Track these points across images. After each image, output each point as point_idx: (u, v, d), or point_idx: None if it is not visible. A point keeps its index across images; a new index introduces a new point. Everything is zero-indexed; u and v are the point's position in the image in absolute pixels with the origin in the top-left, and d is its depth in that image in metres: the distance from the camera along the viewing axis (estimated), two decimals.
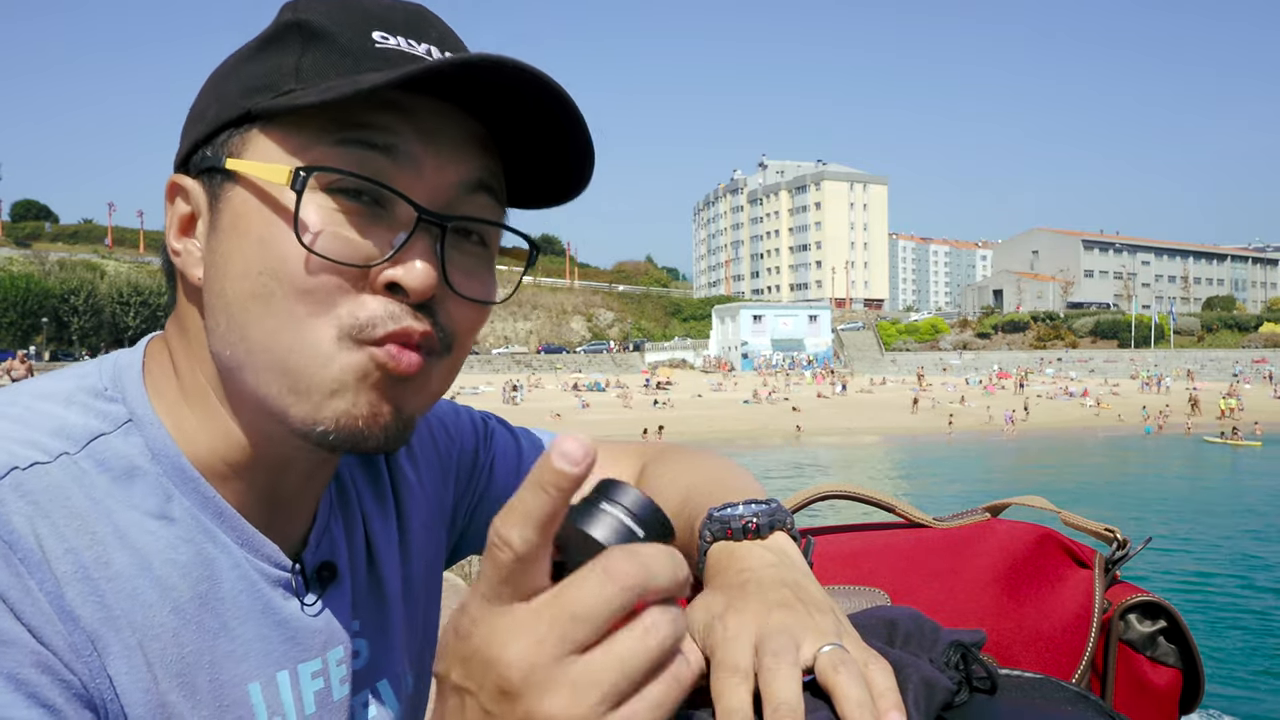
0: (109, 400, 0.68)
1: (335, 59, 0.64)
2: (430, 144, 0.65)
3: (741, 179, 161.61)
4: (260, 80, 0.65)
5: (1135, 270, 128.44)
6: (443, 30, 0.70)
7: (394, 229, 0.64)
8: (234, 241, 0.64)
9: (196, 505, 0.68)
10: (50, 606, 0.58)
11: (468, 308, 0.68)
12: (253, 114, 0.64)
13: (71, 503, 0.62)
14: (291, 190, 0.61)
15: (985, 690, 0.61)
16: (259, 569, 0.71)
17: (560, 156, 0.70)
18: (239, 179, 0.64)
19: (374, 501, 0.85)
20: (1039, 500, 0.92)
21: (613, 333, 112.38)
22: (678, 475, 0.89)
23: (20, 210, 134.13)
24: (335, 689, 0.75)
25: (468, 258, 0.68)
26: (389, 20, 0.67)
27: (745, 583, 0.66)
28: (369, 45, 0.65)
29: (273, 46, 0.66)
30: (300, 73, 0.64)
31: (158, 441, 0.68)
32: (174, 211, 0.69)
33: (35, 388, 0.69)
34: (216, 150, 0.66)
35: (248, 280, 0.63)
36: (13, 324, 72.45)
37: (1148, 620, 0.84)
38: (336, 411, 0.64)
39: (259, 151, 0.64)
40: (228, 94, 0.67)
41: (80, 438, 0.65)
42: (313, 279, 0.62)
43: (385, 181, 0.63)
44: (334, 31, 0.65)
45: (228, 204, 0.65)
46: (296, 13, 0.67)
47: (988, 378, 69.40)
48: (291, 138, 0.63)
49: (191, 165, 0.68)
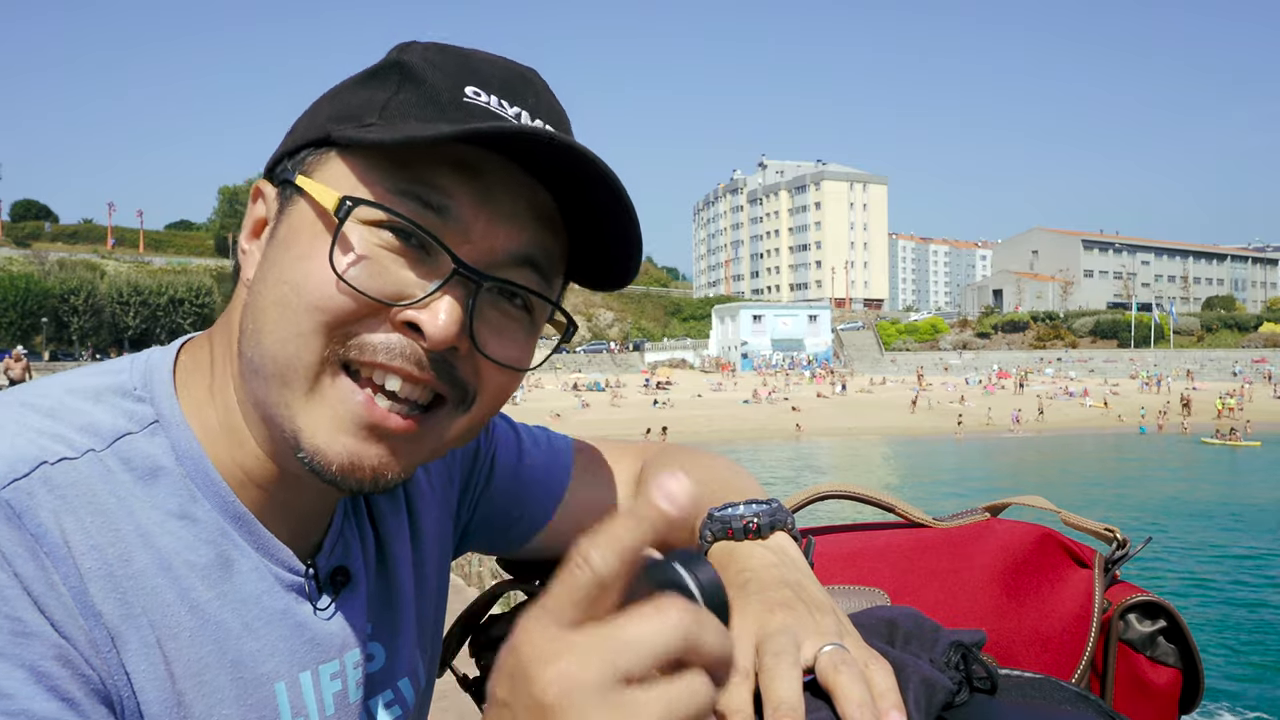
0: (137, 400, 0.69)
1: (421, 104, 0.65)
2: (484, 207, 0.65)
3: (741, 179, 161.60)
4: (349, 109, 0.67)
5: (1135, 270, 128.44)
6: (543, 98, 0.70)
7: (431, 276, 0.64)
8: (281, 252, 0.66)
9: (216, 508, 0.69)
10: (73, 601, 0.59)
11: (496, 370, 0.68)
12: (331, 138, 0.66)
13: (97, 499, 0.63)
14: (335, 216, 0.63)
15: (985, 690, 0.60)
16: (274, 573, 0.72)
17: (610, 246, 0.70)
18: (303, 195, 0.66)
19: (388, 506, 0.86)
20: (1039, 500, 0.92)
21: (612, 333, 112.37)
22: None
23: (20, 210, 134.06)
24: (352, 691, 0.77)
25: (504, 319, 0.68)
26: (488, 78, 0.68)
27: (746, 583, 0.66)
28: (458, 98, 0.66)
29: (374, 80, 0.68)
30: (386, 110, 0.65)
31: (183, 443, 0.69)
32: (251, 213, 0.71)
33: (67, 381, 0.70)
34: (295, 165, 0.68)
35: (278, 288, 0.65)
36: (12, 324, 72.44)
37: (1147, 620, 0.84)
38: (314, 445, 0.65)
39: (327, 175, 0.66)
40: (319, 117, 0.69)
41: (107, 435, 0.66)
42: (328, 300, 0.63)
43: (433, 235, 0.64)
44: (429, 79, 0.66)
45: (287, 217, 0.67)
46: (403, 53, 0.69)
47: (987, 378, 69.41)
48: (359, 170, 0.65)
49: (275, 175, 0.71)
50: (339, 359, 0.64)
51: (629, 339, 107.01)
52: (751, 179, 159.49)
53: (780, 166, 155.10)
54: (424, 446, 0.68)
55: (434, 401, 0.67)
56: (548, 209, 0.68)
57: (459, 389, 0.67)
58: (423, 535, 0.89)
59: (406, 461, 0.67)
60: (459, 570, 8.09)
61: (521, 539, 0.97)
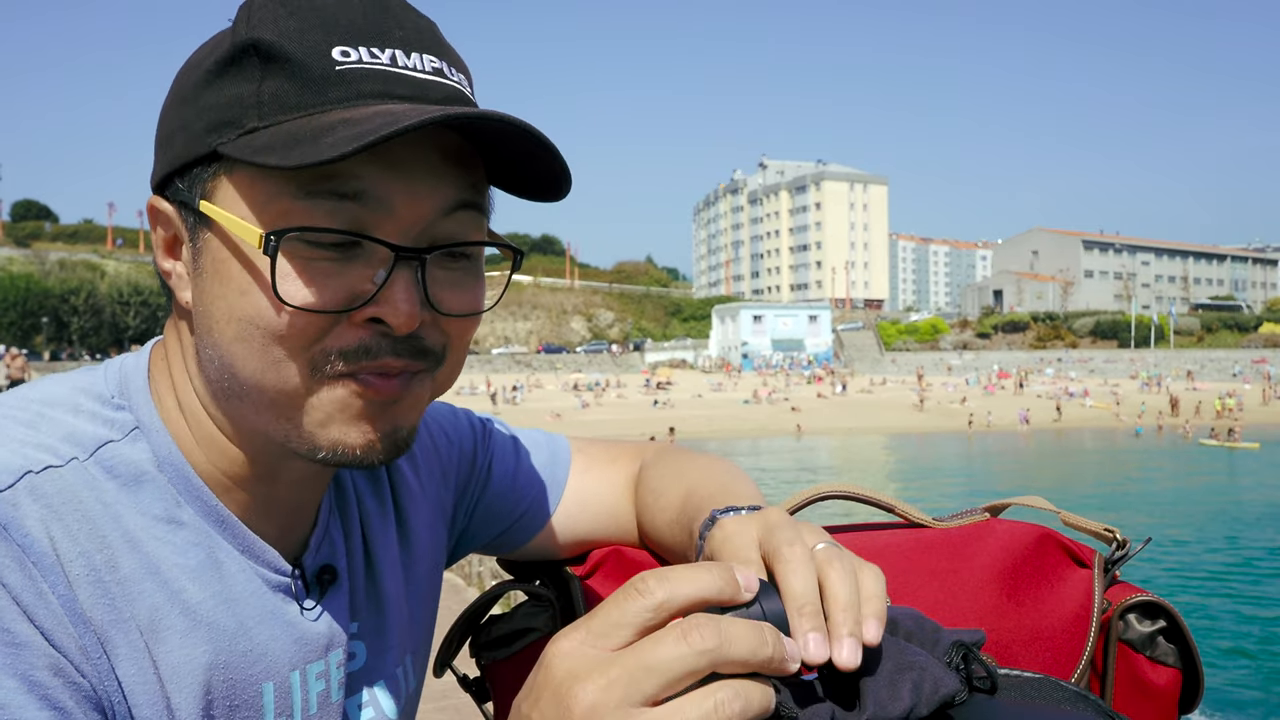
0: (116, 408, 0.69)
1: (296, 89, 0.62)
2: (400, 178, 0.63)
3: (741, 179, 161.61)
4: (222, 114, 0.64)
5: (1135, 270, 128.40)
6: (405, 22, 0.67)
7: (372, 267, 0.64)
8: (217, 287, 0.65)
9: (199, 512, 0.69)
10: (62, 609, 0.59)
11: (459, 320, 0.69)
12: (219, 154, 0.63)
13: (83, 506, 0.63)
14: (264, 254, 0.61)
15: (985, 690, 0.61)
16: (261, 574, 0.72)
17: (537, 169, 0.69)
18: (213, 223, 0.64)
19: (374, 504, 0.86)
20: (1039, 500, 0.92)
21: (613, 333, 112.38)
22: (676, 478, 0.89)
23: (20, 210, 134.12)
24: (334, 690, 0.77)
25: (453, 274, 0.68)
26: (349, 26, 0.64)
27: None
28: (330, 69, 0.62)
29: (231, 71, 0.64)
30: (261, 105, 0.63)
31: (163, 449, 0.69)
32: (157, 234, 0.70)
33: (42, 393, 0.69)
34: (190, 185, 0.66)
35: (231, 325, 0.64)
36: (13, 324, 72.43)
37: (1147, 620, 0.84)
38: (330, 440, 0.66)
39: (229, 197, 0.64)
40: (192, 124, 0.65)
41: (89, 444, 0.66)
42: (290, 325, 0.63)
43: (358, 230, 0.63)
44: (292, 54, 0.62)
45: (207, 246, 0.65)
46: (250, 29, 0.64)
47: (988, 378, 69.39)
48: (259, 186, 0.63)
49: (168, 193, 0.68)
50: (325, 373, 0.64)
51: (629, 339, 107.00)
52: (752, 179, 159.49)
53: (780, 166, 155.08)
54: (420, 401, 0.70)
55: None
56: (459, 150, 0.67)
57: (431, 357, 0.68)
58: (412, 535, 0.89)
59: (412, 418, 0.69)
60: (459, 570, 8.09)
61: (521, 540, 0.98)
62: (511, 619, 0.95)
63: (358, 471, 0.86)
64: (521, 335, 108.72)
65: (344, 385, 0.65)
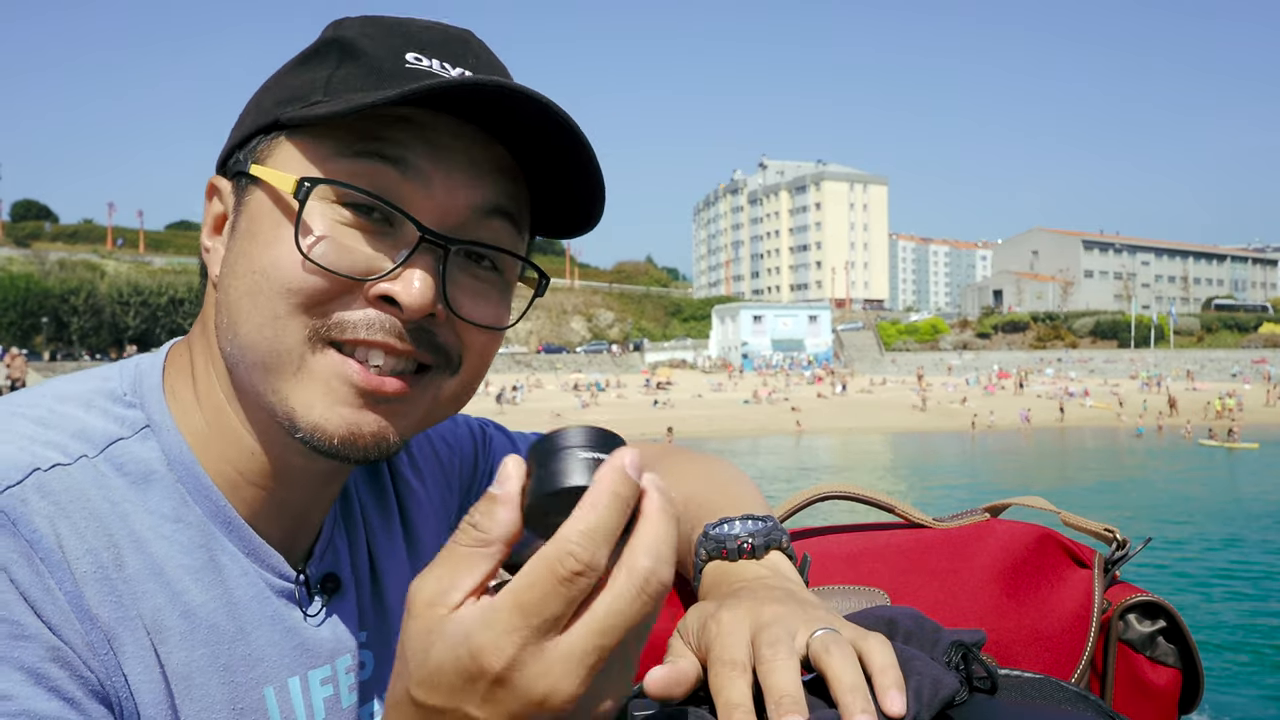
0: (127, 406, 0.70)
1: (364, 76, 0.66)
2: (442, 162, 0.65)
3: (741, 179, 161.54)
4: (293, 92, 0.68)
5: (1135, 270, 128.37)
6: (482, 57, 0.70)
7: (398, 246, 0.65)
8: (244, 243, 0.66)
9: (207, 513, 0.69)
10: (69, 605, 0.59)
11: (477, 331, 0.69)
12: (280, 122, 0.67)
13: (91, 504, 0.63)
14: (295, 199, 0.63)
15: (985, 690, 0.60)
16: (264, 578, 0.72)
17: (574, 190, 0.70)
18: (259, 184, 0.66)
19: (378, 514, 0.86)
20: (1039, 500, 0.92)
21: (613, 333, 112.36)
22: (676, 482, 0.89)
23: (20, 210, 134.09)
24: (344, 696, 0.77)
25: (477, 281, 0.69)
26: (426, 43, 0.68)
27: (738, 591, 0.67)
28: (400, 65, 0.66)
29: (312, 60, 0.69)
30: (330, 86, 0.66)
31: (174, 448, 0.69)
32: (209, 211, 0.72)
33: (56, 389, 0.70)
34: (246, 155, 0.69)
35: (245, 278, 0.65)
36: (13, 324, 72.40)
37: (1147, 620, 0.84)
38: (311, 423, 0.65)
39: (280, 159, 0.66)
40: (264, 103, 0.69)
41: (99, 441, 0.66)
42: (300, 282, 0.63)
43: (392, 199, 0.64)
44: (369, 50, 0.67)
45: (246, 208, 0.67)
46: (339, 30, 0.69)
47: (988, 378, 69.37)
48: (312, 148, 0.65)
49: (227, 168, 0.71)
50: (321, 337, 0.64)
51: (629, 339, 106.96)
52: (752, 179, 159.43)
53: (780, 167, 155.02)
54: (418, 408, 0.69)
55: (420, 368, 0.68)
56: (505, 162, 0.68)
57: (442, 354, 0.67)
58: (419, 542, 0.89)
59: (404, 425, 0.68)
60: None
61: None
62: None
63: (362, 480, 0.86)
64: (521, 335, 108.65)
65: (339, 358, 0.64)
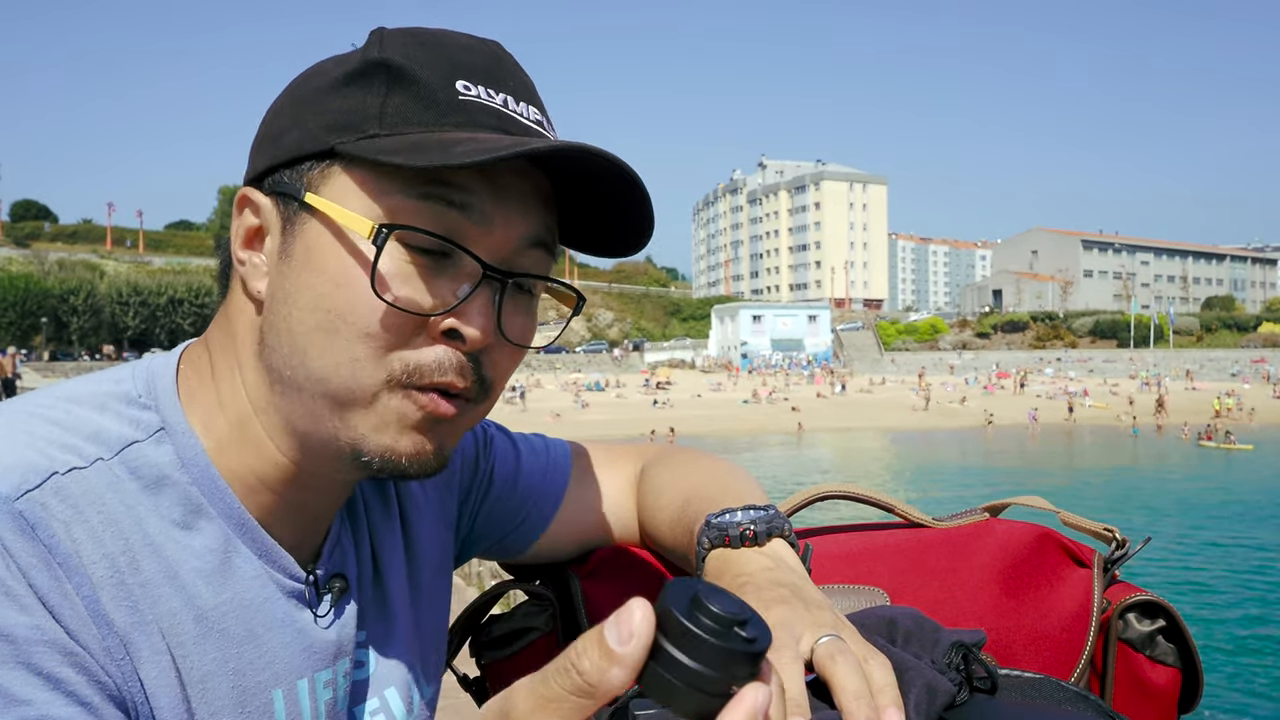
0: (142, 408, 0.70)
1: (419, 109, 0.66)
2: (502, 202, 0.67)
3: (741, 179, 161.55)
4: (344, 118, 0.66)
5: (1134, 270, 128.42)
6: (518, 77, 0.72)
7: (458, 280, 0.66)
8: (307, 275, 0.66)
9: (221, 515, 0.70)
10: (86, 610, 0.60)
11: (509, 351, 0.71)
12: (336, 151, 0.66)
13: (107, 508, 0.63)
14: (373, 244, 0.64)
15: (985, 690, 0.60)
16: (276, 580, 0.73)
17: (620, 222, 0.73)
18: (317, 213, 0.66)
19: (381, 513, 0.87)
20: (1038, 500, 0.92)
21: (612, 333, 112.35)
22: (677, 478, 0.89)
23: (20, 210, 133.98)
24: (341, 699, 0.78)
25: (518, 305, 0.71)
26: (471, 67, 0.68)
27: (742, 586, 0.67)
28: (453, 96, 0.66)
29: (358, 82, 0.67)
30: (384, 116, 0.65)
31: (188, 451, 0.69)
32: (241, 222, 0.71)
33: (68, 391, 0.70)
34: (296, 179, 0.67)
35: (317, 315, 0.65)
36: (12, 324, 72.37)
37: (1146, 619, 0.84)
38: (382, 446, 0.67)
39: (338, 191, 0.66)
40: (310, 124, 0.67)
41: (114, 444, 0.66)
42: (378, 326, 0.65)
43: (459, 240, 0.66)
44: (419, 77, 0.66)
45: (303, 235, 0.67)
46: (383, 50, 0.68)
47: (987, 378, 69.38)
48: (372, 183, 0.65)
49: (266, 184, 0.69)
50: (399, 383, 0.66)
51: (628, 339, 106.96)
52: (751, 179, 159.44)
53: (780, 166, 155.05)
54: (463, 427, 0.72)
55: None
56: (547, 191, 0.70)
57: (483, 384, 0.70)
58: (417, 543, 0.90)
59: (453, 442, 0.72)
60: (459, 571, 8.06)
61: (523, 544, 0.98)
62: (511, 619, 0.95)
63: (366, 480, 0.86)
64: None
65: (409, 397, 0.67)
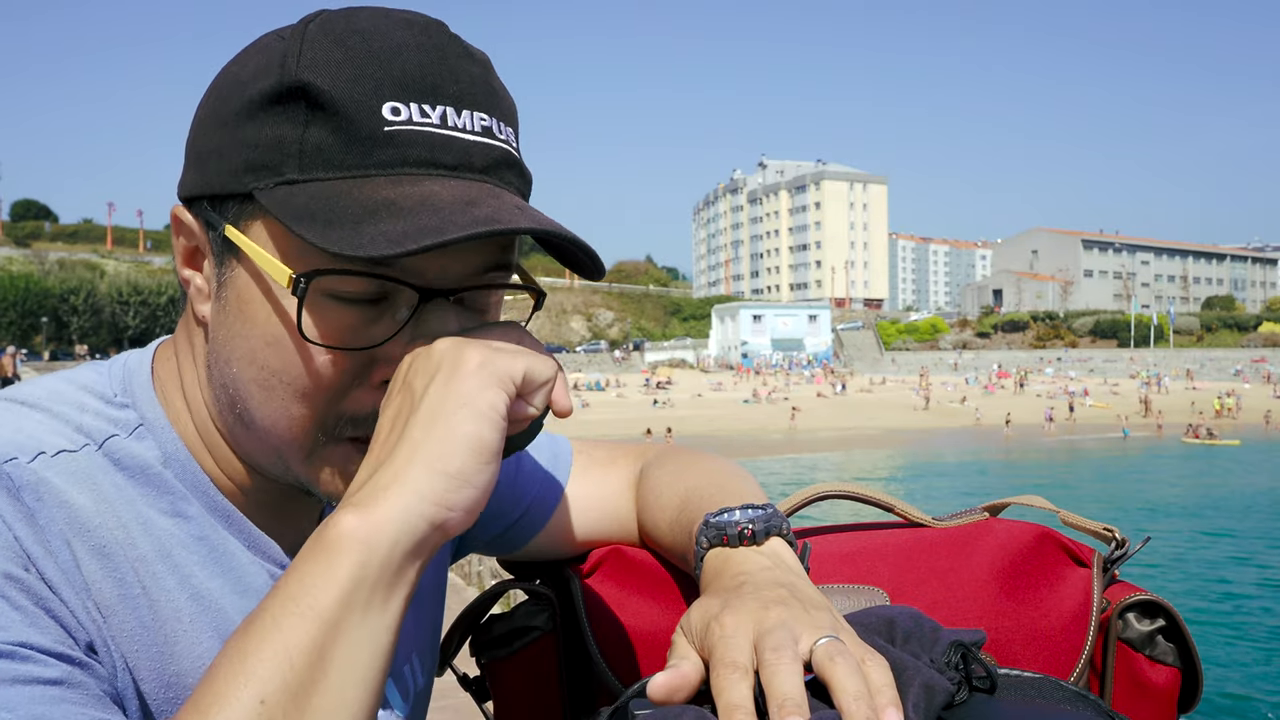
0: (120, 407, 0.70)
1: (340, 147, 0.62)
2: (435, 256, 0.64)
3: (741, 179, 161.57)
4: (261, 155, 0.63)
5: (1135, 270, 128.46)
6: (460, 73, 0.65)
7: (397, 310, 0.65)
8: (240, 325, 0.65)
9: (206, 508, 0.70)
10: (65, 569, 0.60)
11: None
12: (254, 198, 0.63)
13: (100, 488, 0.64)
14: (293, 295, 0.61)
15: (984, 689, 0.61)
16: (267, 570, 0.73)
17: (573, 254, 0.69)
18: (243, 256, 0.65)
19: None
20: (1038, 500, 0.92)
21: (612, 332, 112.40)
22: (676, 478, 0.89)
23: (20, 210, 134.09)
24: None
25: (475, 317, 0.69)
26: (402, 79, 0.63)
27: (741, 585, 0.67)
28: (378, 129, 0.62)
29: (276, 109, 0.63)
30: (302, 156, 0.62)
31: (169, 446, 0.70)
32: (178, 243, 0.70)
33: (47, 389, 0.70)
34: (221, 211, 0.66)
35: (252, 369, 0.65)
36: (12, 324, 72.40)
37: (1146, 619, 0.84)
38: (332, 489, 0.68)
39: (260, 237, 0.64)
40: (230, 155, 0.64)
41: (97, 437, 0.67)
42: (310, 384, 0.64)
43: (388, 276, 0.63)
44: (341, 106, 0.61)
45: (233, 280, 0.66)
46: (301, 69, 0.62)
47: (987, 377, 69.41)
48: (292, 239, 0.63)
49: (194, 208, 0.68)
50: (335, 436, 0.66)
51: (629, 339, 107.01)
52: (751, 179, 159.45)
53: (780, 166, 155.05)
54: None
55: None
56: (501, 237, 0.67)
57: None
58: None
59: None
60: (459, 570, 8.10)
61: (521, 540, 0.98)
62: (511, 618, 0.96)
63: None
64: None
65: (350, 445, 0.67)
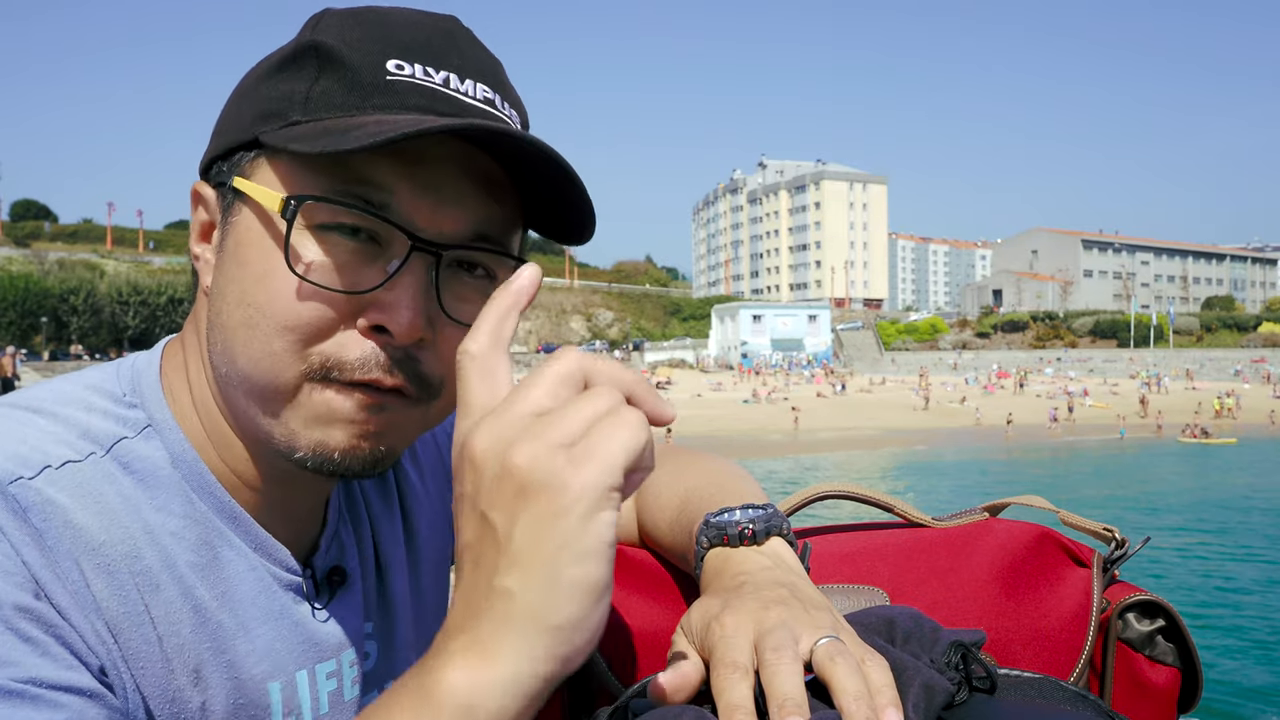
0: (128, 406, 0.70)
1: (343, 93, 0.64)
2: (427, 195, 0.64)
3: (741, 179, 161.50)
4: (271, 105, 0.65)
5: (1134, 270, 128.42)
6: (468, 53, 0.68)
7: (388, 259, 0.64)
8: (234, 269, 0.65)
9: (213, 510, 0.70)
10: (75, 592, 0.60)
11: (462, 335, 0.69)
12: (259, 141, 0.65)
13: (104, 500, 0.64)
14: (282, 218, 0.62)
15: (984, 690, 0.60)
16: (272, 573, 0.73)
17: (563, 211, 0.69)
18: (246, 200, 0.65)
19: (381, 506, 0.87)
20: (1038, 500, 0.92)
21: (612, 332, 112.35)
22: (675, 478, 0.89)
23: (20, 210, 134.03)
24: (347, 689, 0.78)
25: (468, 288, 0.68)
26: (409, 45, 0.65)
27: (741, 585, 0.66)
28: (380, 78, 0.64)
29: (290, 68, 0.66)
30: (309, 103, 0.64)
31: (177, 446, 0.69)
32: (196, 218, 0.71)
33: (56, 390, 0.69)
34: (230, 168, 0.67)
35: (241, 309, 0.64)
36: (12, 324, 72.36)
37: (1146, 619, 0.84)
38: (313, 441, 0.65)
39: (264, 179, 0.65)
40: (243, 114, 0.67)
41: (105, 440, 0.66)
42: (296, 316, 0.63)
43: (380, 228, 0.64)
44: (348, 59, 0.64)
45: (234, 227, 0.66)
46: (316, 32, 0.66)
47: (987, 377, 69.39)
48: (293, 174, 0.64)
49: (210, 177, 0.70)
50: (319, 378, 0.64)
51: (628, 339, 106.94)
52: (751, 179, 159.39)
53: (780, 166, 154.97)
54: (407, 432, 0.69)
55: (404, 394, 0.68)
56: (493, 176, 0.66)
57: (424, 386, 0.67)
58: (417, 537, 0.90)
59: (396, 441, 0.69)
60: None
61: None
62: None
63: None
64: (520, 335, 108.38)
65: (336, 390, 0.65)
